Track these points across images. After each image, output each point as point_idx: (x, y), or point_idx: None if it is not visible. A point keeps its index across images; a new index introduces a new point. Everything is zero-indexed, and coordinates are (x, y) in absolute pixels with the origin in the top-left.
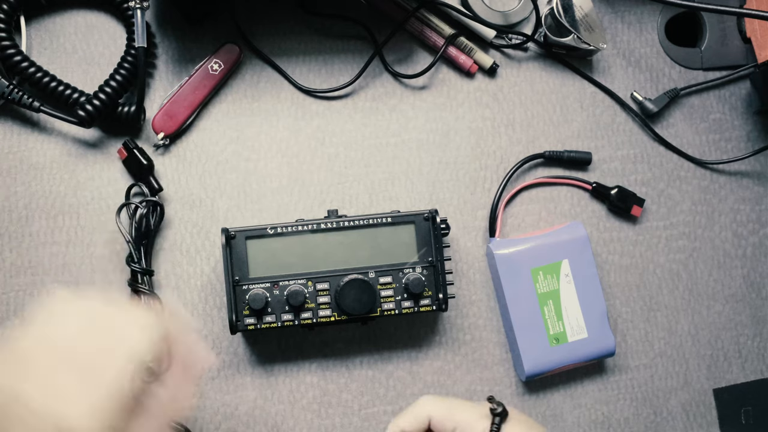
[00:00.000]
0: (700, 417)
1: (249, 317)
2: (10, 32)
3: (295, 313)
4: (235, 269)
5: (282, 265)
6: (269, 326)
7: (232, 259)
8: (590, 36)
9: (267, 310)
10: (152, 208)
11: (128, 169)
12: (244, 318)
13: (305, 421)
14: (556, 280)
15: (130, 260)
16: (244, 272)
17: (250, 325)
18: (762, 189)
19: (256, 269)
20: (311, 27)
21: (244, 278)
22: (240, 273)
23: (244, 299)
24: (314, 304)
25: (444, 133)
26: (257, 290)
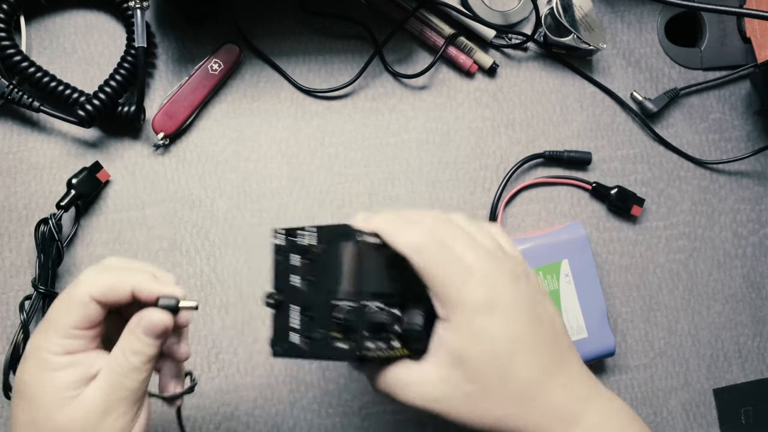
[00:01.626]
0: (700, 417)
1: (342, 342)
2: (10, 32)
3: (374, 342)
4: (328, 279)
5: (364, 280)
6: (371, 354)
7: (323, 266)
8: (590, 36)
9: (364, 334)
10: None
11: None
12: (333, 341)
13: (305, 421)
14: (556, 280)
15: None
16: (336, 285)
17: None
18: (762, 189)
19: (345, 282)
20: (311, 27)
21: (333, 292)
22: (331, 284)
23: (332, 319)
24: (391, 333)
25: (444, 133)
26: (348, 308)
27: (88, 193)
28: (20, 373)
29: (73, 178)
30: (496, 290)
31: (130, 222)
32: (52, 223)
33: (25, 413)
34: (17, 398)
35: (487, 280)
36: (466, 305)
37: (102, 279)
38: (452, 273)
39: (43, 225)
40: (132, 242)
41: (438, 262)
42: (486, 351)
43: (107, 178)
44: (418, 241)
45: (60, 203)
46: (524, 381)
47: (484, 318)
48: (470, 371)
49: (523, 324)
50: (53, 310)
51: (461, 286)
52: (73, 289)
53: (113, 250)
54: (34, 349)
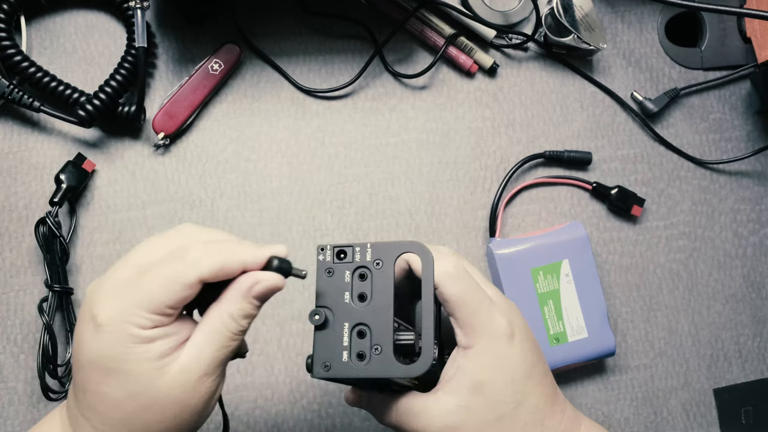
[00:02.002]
0: (700, 417)
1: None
2: (10, 32)
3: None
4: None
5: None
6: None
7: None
8: (590, 36)
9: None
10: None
11: None
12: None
13: (305, 421)
14: (556, 280)
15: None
16: (390, 304)
17: None
18: (762, 189)
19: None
20: (311, 27)
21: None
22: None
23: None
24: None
25: (444, 133)
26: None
27: (77, 186)
28: (102, 350)
29: (60, 173)
30: (513, 320)
31: (130, 222)
32: (50, 221)
33: (117, 389)
34: (103, 376)
35: (506, 310)
36: (491, 332)
37: (212, 259)
38: (480, 301)
39: (41, 225)
40: (132, 242)
41: (467, 290)
42: (507, 376)
43: (93, 168)
44: (450, 268)
45: (53, 200)
46: (535, 406)
47: (506, 345)
48: (490, 397)
49: (534, 352)
50: (148, 285)
51: (487, 314)
52: (181, 269)
53: (113, 250)
54: (118, 323)
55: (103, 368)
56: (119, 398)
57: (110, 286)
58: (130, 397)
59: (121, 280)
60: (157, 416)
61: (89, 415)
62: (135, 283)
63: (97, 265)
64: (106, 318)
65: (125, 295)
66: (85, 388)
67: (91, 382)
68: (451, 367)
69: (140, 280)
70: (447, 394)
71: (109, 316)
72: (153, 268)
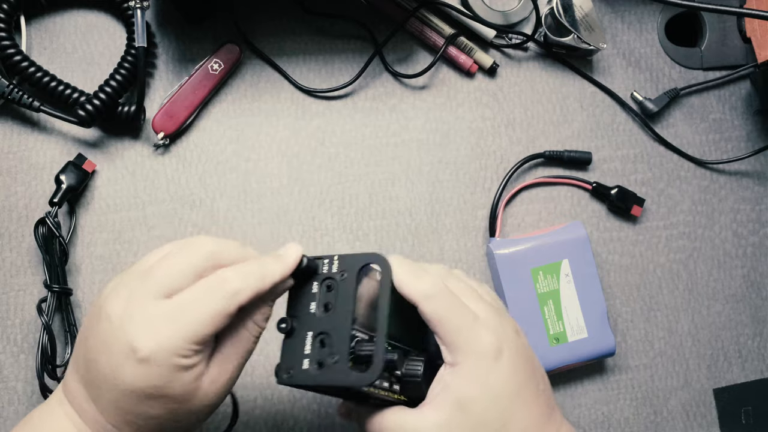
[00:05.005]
0: (700, 417)
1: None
2: (10, 32)
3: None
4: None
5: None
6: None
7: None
8: (590, 36)
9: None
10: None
11: None
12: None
13: (305, 421)
14: (556, 280)
15: None
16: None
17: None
18: (762, 189)
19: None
20: (311, 27)
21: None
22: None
23: (348, 349)
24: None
25: (444, 133)
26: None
27: (77, 186)
28: (149, 381)
29: (60, 173)
30: (502, 338)
31: (130, 222)
32: (50, 221)
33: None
34: (146, 400)
35: (494, 327)
36: (474, 350)
37: (250, 288)
38: (461, 319)
39: (41, 225)
40: (132, 242)
41: (447, 308)
42: (491, 395)
43: (93, 168)
44: (427, 287)
45: (52, 200)
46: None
47: (492, 363)
48: (473, 416)
49: (525, 372)
50: (191, 317)
51: (470, 331)
52: (223, 304)
53: (113, 250)
54: (166, 357)
55: (146, 395)
56: (159, 414)
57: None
58: (169, 412)
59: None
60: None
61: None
62: (176, 316)
63: (96, 265)
64: (151, 353)
65: (168, 328)
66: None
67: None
68: (437, 384)
69: (181, 312)
70: (432, 410)
71: (154, 351)
72: (194, 302)
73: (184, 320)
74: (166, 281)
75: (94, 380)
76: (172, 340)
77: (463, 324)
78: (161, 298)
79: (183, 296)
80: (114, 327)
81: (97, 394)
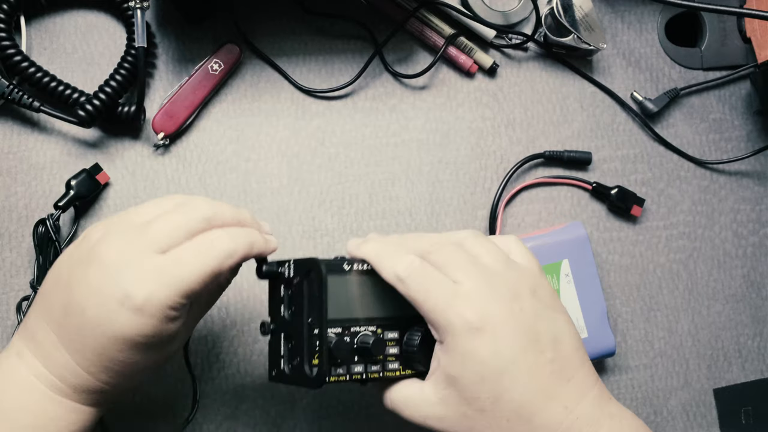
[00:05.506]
0: (700, 417)
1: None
2: (10, 32)
3: (365, 365)
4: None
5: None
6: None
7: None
8: (590, 36)
9: (337, 360)
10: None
11: None
12: (313, 368)
13: (305, 421)
14: (556, 280)
15: None
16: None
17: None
18: (762, 189)
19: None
20: (311, 27)
21: (315, 320)
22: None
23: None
24: (382, 355)
25: (444, 133)
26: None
27: (86, 195)
28: (140, 329)
29: (72, 179)
30: (486, 311)
31: None
32: (50, 223)
33: (142, 357)
34: (130, 348)
35: (475, 301)
36: (453, 328)
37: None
38: (437, 297)
39: (41, 226)
40: None
41: (422, 288)
42: (475, 373)
43: (107, 180)
44: (400, 270)
45: (58, 204)
46: (518, 402)
47: (471, 340)
48: (464, 393)
49: (514, 345)
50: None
51: (447, 309)
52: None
53: None
54: (159, 308)
55: (134, 343)
56: (138, 360)
57: (141, 265)
58: (148, 358)
59: (149, 261)
60: (156, 363)
61: (96, 372)
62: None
63: None
64: (145, 302)
65: (161, 280)
66: (103, 354)
67: (114, 351)
68: (434, 359)
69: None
70: (430, 386)
71: (148, 300)
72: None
73: (179, 275)
74: (163, 237)
75: (75, 326)
76: (166, 292)
77: (440, 302)
78: (157, 253)
79: (178, 252)
80: (109, 273)
81: (75, 340)
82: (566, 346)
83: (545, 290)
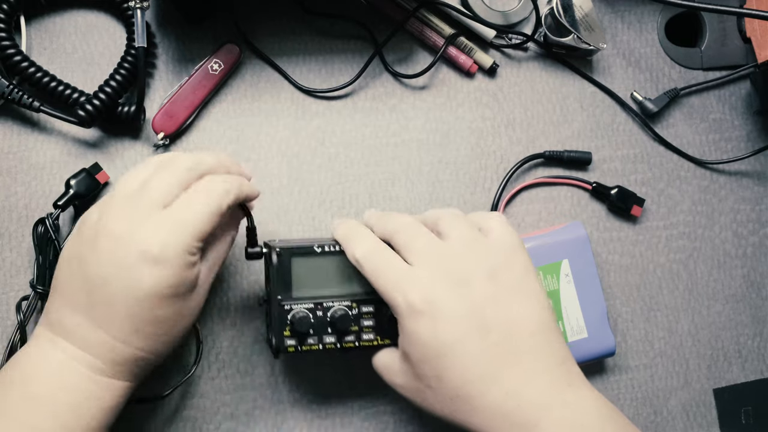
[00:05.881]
0: (700, 417)
1: (290, 339)
2: (10, 32)
3: (338, 336)
4: (278, 287)
5: (327, 284)
6: (310, 348)
7: (276, 277)
8: (590, 36)
9: (309, 332)
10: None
11: None
12: (285, 339)
13: (305, 420)
14: (556, 280)
15: None
16: (287, 291)
17: (290, 347)
18: (762, 189)
19: (300, 288)
20: (311, 27)
21: (286, 297)
22: (282, 291)
23: (286, 320)
24: (358, 327)
25: (444, 133)
26: (302, 311)
27: (86, 194)
28: (166, 279)
29: (72, 178)
30: (429, 294)
31: None
32: (49, 223)
33: (170, 311)
34: (160, 302)
35: (421, 284)
36: (399, 309)
37: (235, 190)
38: (387, 279)
39: (40, 225)
40: None
41: (375, 270)
42: (419, 353)
43: (106, 180)
44: (358, 253)
45: (57, 203)
46: (458, 383)
47: (414, 322)
48: (414, 369)
49: (455, 328)
50: (191, 216)
51: (393, 291)
52: (217, 201)
53: None
54: (179, 255)
55: (163, 296)
56: (168, 316)
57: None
58: (176, 313)
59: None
60: (184, 321)
61: (130, 338)
62: (179, 218)
63: None
64: (161, 251)
65: (172, 229)
66: (136, 316)
67: (145, 310)
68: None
69: (183, 214)
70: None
71: (164, 249)
72: (188, 203)
73: (187, 219)
74: (161, 195)
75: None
76: (180, 238)
77: (389, 283)
78: (160, 209)
79: (181, 202)
80: (122, 241)
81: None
82: (519, 330)
83: (512, 272)
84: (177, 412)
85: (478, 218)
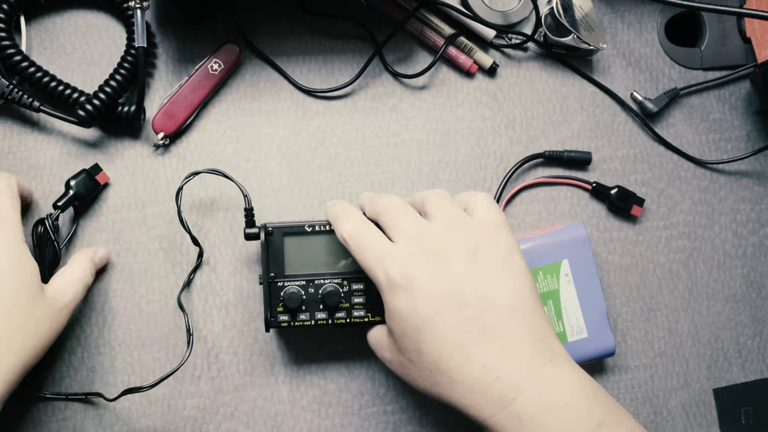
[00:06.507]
0: (700, 417)
1: (283, 314)
2: (10, 32)
3: (329, 312)
4: (271, 265)
5: (318, 263)
6: (302, 324)
7: (269, 256)
8: (590, 36)
9: (301, 308)
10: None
11: None
12: (278, 315)
13: (305, 421)
14: (556, 280)
15: None
16: (280, 269)
17: (283, 322)
18: (762, 189)
19: (292, 266)
20: (311, 27)
21: (279, 275)
22: (276, 269)
23: (279, 296)
24: (348, 304)
25: (444, 133)
26: (293, 288)
27: (85, 195)
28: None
29: (72, 179)
30: (408, 270)
31: (130, 222)
32: (48, 223)
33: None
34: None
35: (401, 260)
36: (380, 284)
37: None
38: (369, 256)
39: (39, 225)
40: (132, 242)
41: (359, 247)
42: (399, 327)
43: (106, 181)
44: (344, 231)
45: (57, 203)
46: (436, 357)
47: (394, 297)
48: (397, 343)
49: (432, 303)
50: (7, 214)
51: (375, 267)
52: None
53: (113, 251)
54: (18, 242)
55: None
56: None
57: None
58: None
59: None
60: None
61: None
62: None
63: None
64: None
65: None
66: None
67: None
68: None
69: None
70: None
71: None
72: None
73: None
74: None
75: None
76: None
77: (371, 260)
78: None
79: None
80: None
81: None
82: (498, 306)
83: (495, 250)
84: (177, 412)
85: (465, 198)
